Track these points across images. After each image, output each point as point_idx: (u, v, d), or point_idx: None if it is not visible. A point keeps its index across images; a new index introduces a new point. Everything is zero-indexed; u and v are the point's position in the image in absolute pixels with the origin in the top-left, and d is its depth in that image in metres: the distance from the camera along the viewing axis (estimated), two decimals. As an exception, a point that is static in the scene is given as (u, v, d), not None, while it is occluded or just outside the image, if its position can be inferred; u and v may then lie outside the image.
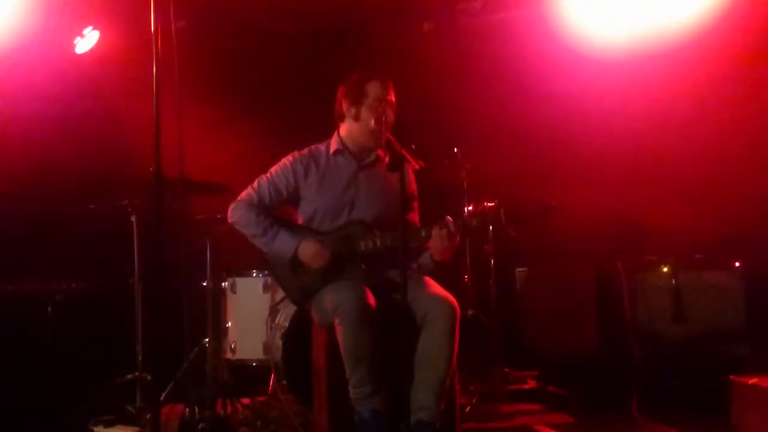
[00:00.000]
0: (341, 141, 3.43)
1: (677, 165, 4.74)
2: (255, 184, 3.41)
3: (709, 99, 4.63)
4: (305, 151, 3.46)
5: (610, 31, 4.87)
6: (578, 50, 4.93)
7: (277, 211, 3.45)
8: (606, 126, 4.88)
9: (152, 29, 2.47)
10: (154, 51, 2.45)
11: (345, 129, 3.43)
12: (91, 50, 4.75)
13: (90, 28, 4.69)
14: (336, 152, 3.42)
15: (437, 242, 3.10)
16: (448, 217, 3.10)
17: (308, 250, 3.24)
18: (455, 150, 4.42)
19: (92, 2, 4.70)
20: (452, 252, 3.17)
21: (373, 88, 3.29)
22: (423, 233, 3.15)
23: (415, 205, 3.51)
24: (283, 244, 3.28)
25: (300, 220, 3.44)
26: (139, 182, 3.90)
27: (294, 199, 3.42)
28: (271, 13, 5.17)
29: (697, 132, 4.71)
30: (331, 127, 3.49)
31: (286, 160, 3.42)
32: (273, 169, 3.42)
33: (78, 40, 4.68)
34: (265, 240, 3.31)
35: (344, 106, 3.37)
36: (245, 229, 3.35)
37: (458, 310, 3.10)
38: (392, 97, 3.32)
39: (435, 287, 3.20)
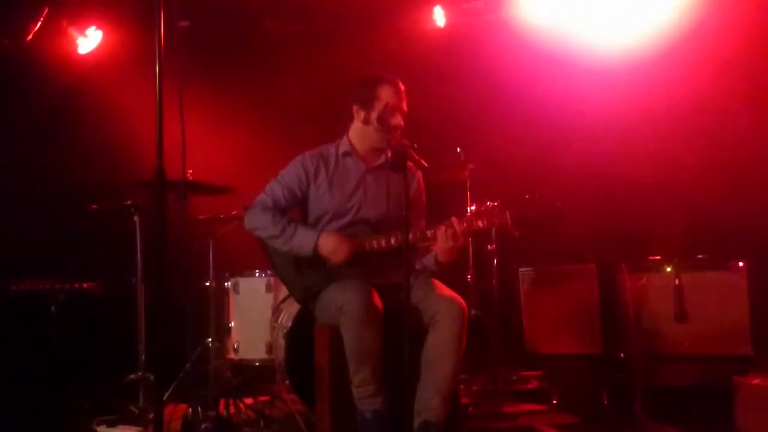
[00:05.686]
0: (350, 142, 3.42)
1: (680, 165, 4.73)
2: (267, 188, 3.37)
3: (711, 98, 4.63)
4: (314, 151, 3.44)
5: (611, 33, 4.89)
6: (580, 51, 4.94)
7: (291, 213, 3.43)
8: (609, 126, 4.87)
9: (155, 29, 2.47)
10: (157, 51, 2.44)
11: (354, 130, 3.41)
12: (94, 50, 4.76)
13: (93, 28, 4.70)
14: (345, 153, 3.41)
15: (442, 243, 3.09)
16: (454, 218, 3.09)
17: (329, 244, 3.20)
18: (458, 150, 4.42)
19: (95, 2, 4.70)
20: (457, 253, 3.16)
21: (384, 93, 3.26)
22: (428, 234, 3.14)
23: (422, 210, 3.51)
24: (302, 240, 3.23)
25: (307, 221, 3.43)
26: (142, 182, 3.90)
27: (307, 199, 3.40)
28: (274, 13, 5.17)
29: (700, 131, 4.71)
30: (336, 128, 3.48)
31: (296, 161, 3.40)
32: (283, 172, 3.40)
33: (81, 40, 4.68)
34: (284, 239, 3.26)
35: (354, 109, 3.35)
36: (263, 232, 3.30)
37: (467, 311, 3.09)
38: (404, 104, 3.29)
39: (443, 288, 3.19)
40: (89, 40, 4.70)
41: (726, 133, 4.65)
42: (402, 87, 3.31)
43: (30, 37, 4.41)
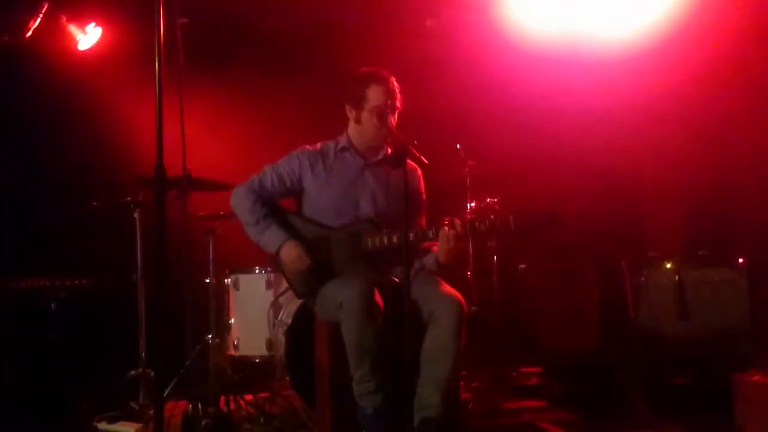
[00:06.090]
0: (348, 138, 3.44)
1: (680, 161, 4.73)
2: (261, 171, 3.42)
3: (712, 95, 4.63)
4: (317, 145, 3.47)
5: (610, 30, 4.88)
6: (582, 49, 4.93)
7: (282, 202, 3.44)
8: (609, 122, 4.88)
9: (155, 26, 2.47)
10: (156, 47, 2.44)
11: (351, 128, 3.44)
12: (94, 47, 4.75)
13: (93, 24, 4.69)
14: (343, 149, 3.42)
15: (444, 244, 3.09)
16: (457, 220, 3.08)
17: (290, 253, 3.24)
18: (457, 146, 4.42)
19: (95, -1, 4.70)
20: (458, 256, 3.16)
21: (373, 93, 3.27)
22: (431, 234, 3.13)
23: (423, 207, 3.51)
24: (270, 239, 3.28)
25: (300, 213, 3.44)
26: (142, 179, 3.90)
27: (297, 190, 3.42)
28: (274, 10, 5.17)
29: (700, 127, 4.71)
30: (336, 123, 3.49)
31: (294, 153, 3.44)
32: (281, 160, 3.44)
33: (81, 37, 4.67)
34: (255, 230, 3.31)
35: (347, 108, 3.38)
36: (240, 215, 3.36)
37: (465, 308, 3.09)
38: (396, 101, 3.29)
39: (443, 285, 3.19)
40: (89, 37, 4.68)
41: (727, 129, 4.65)
42: (393, 84, 3.29)
43: (29, 33, 4.39)
